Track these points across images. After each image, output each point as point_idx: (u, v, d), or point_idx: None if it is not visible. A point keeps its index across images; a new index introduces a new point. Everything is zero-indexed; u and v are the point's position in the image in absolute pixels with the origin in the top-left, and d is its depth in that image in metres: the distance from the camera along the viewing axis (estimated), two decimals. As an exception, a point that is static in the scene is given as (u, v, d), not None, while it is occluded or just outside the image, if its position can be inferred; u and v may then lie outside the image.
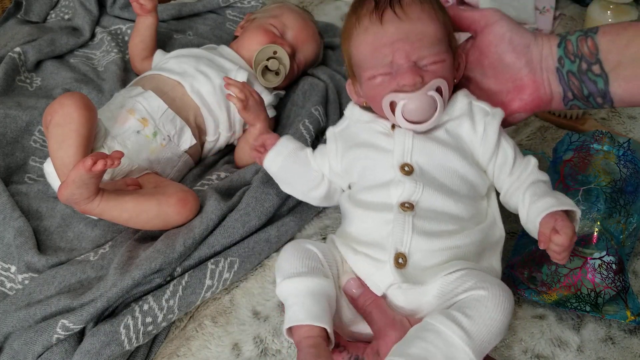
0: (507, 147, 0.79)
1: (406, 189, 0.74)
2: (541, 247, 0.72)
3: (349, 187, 0.85)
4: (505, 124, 0.82)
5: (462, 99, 0.80)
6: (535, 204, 0.74)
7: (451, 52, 0.79)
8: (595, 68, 0.75)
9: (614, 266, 0.85)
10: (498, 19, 0.80)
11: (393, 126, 0.80)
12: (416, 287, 0.71)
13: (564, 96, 0.80)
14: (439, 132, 0.79)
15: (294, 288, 0.72)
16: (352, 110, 0.86)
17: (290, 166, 0.88)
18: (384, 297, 0.73)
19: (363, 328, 0.75)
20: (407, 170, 0.76)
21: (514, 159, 0.79)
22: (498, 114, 0.79)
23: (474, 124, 0.78)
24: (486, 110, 0.79)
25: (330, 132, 0.87)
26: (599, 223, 0.87)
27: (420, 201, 0.74)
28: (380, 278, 0.73)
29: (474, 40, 0.84)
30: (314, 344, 0.68)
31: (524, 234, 0.94)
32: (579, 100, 0.79)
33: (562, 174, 0.95)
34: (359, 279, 0.75)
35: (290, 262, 0.74)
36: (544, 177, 0.78)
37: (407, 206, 0.74)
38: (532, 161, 0.79)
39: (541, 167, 1.07)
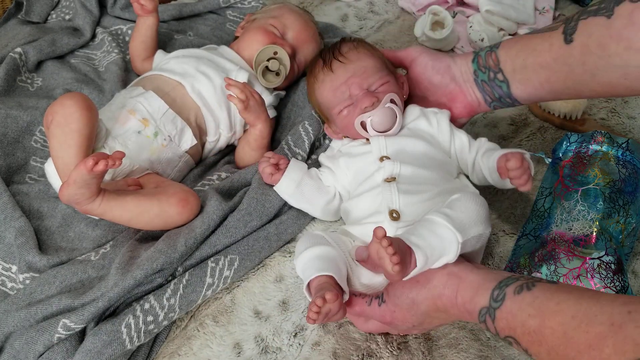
0: (461, 134, 0.98)
1: (387, 169, 0.91)
2: (503, 177, 0.89)
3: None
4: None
5: (413, 108, 1.01)
6: (490, 157, 0.92)
7: (392, 74, 1.01)
8: (499, 75, 0.94)
9: (613, 266, 0.85)
10: (419, 54, 1.03)
11: (367, 140, 0.98)
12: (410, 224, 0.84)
13: (485, 100, 1.00)
14: (403, 131, 0.98)
15: (304, 258, 0.84)
16: (335, 141, 1.06)
17: (307, 182, 0.98)
18: None
19: (382, 281, 0.85)
20: (385, 158, 0.93)
21: (468, 141, 0.97)
22: (445, 111, 1.00)
23: (429, 120, 0.98)
24: (435, 110, 1.00)
25: (322, 156, 1.04)
26: (597, 223, 0.88)
27: (400, 174, 0.90)
28: None
29: (407, 73, 1.05)
30: (320, 286, 0.79)
31: (523, 234, 0.95)
32: (496, 102, 0.99)
33: (561, 175, 0.95)
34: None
35: (301, 244, 0.87)
36: (495, 146, 0.96)
37: (390, 179, 0.90)
38: (484, 139, 0.98)
39: (541, 168, 1.08)
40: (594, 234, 0.87)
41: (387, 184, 0.89)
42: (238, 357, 0.86)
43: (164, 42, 1.31)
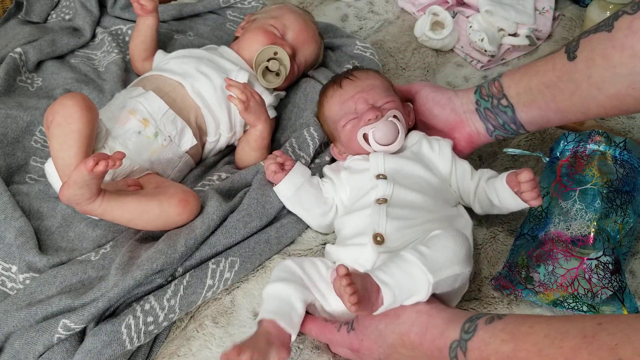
0: (463, 162, 0.98)
1: (380, 189, 0.91)
2: (515, 190, 0.88)
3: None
4: None
5: (416, 133, 1.02)
6: (497, 179, 0.93)
7: (398, 98, 1.03)
8: (503, 101, 0.96)
9: (610, 266, 0.85)
10: (422, 87, 1.07)
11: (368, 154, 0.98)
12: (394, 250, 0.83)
13: (487, 129, 1.01)
14: (404, 153, 0.98)
15: (264, 294, 0.85)
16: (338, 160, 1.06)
17: (308, 188, 0.98)
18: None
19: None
20: (382, 177, 0.93)
21: (470, 169, 0.98)
22: (448, 140, 1.00)
23: (431, 145, 0.99)
24: (437, 138, 1.01)
25: (327, 167, 1.05)
26: (595, 223, 0.88)
27: (392, 196, 0.90)
28: (365, 258, 0.85)
29: (413, 106, 1.07)
30: (263, 329, 0.78)
31: (521, 235, 0.95)
32: (499, 130, 1.00)
33: (558, 174, 0.96)
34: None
35: (271, 275, 0.87)
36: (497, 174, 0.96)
37: (381, 201, 0.89)
38: (486, 169, 0.98)
39: (539, 168, 1.07)
40: (592, 234, 0.87)
41: (377, 206, 0.89)
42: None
43: (164, 42, 1.31)
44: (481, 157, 1.16)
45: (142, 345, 0.87)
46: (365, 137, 0.97)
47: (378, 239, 0.85)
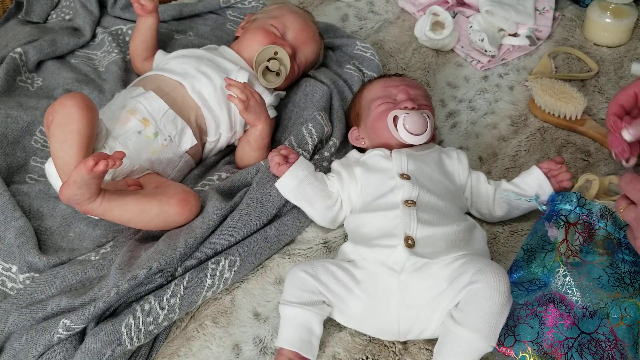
0: (478, 172, 1.02)
1: (406, 190, 0.92)
2: (554, 174, 0.97)
3: (350, 212, 0.99)
4: None
5: (433, 144, 1.05)
6: (524, 173, 1.00)
7: (434, 112, 1.08)
8: None
9: (603, 344, 0.81)
10: None
11: (390, 152, 0.99)
12: (425, 261, 0.84)
13: None
14: (424, 157, 0.99)
15: (283, 313, 0.85)
16: (352, 153, 1.07)
17: (311, 181, 0.99)
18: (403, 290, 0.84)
19: None
20: (405, 177, 0.94)
21: (485, 177, 1.01)
22: (464, 151, 1.04)
23: (448, 154, 1.02)
24: (453, 148, 1.05)
25: (336, 162, 1.05)
26: (602, 299, 0.83)
27: (419, 198, 0.91)
28: (394, 259, 0.85)
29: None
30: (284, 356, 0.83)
31: (514, 282, 0.90)
32: None
33: (566, 235, 0.89)
34: None
35: (289, 288, 0.86)
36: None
37: (410, 203, 0.90)
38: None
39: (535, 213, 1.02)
40: (597, 310, 0.82)
41: (407, 208, 0.89)
42: (237, 359, 0.86)
43: (164, 42, 1.31)
44: (481, 158, 1.16)
45: (142, 345, 0.87)
46: (395, 119, 1.00)
47: (409, 242, 0.85)
